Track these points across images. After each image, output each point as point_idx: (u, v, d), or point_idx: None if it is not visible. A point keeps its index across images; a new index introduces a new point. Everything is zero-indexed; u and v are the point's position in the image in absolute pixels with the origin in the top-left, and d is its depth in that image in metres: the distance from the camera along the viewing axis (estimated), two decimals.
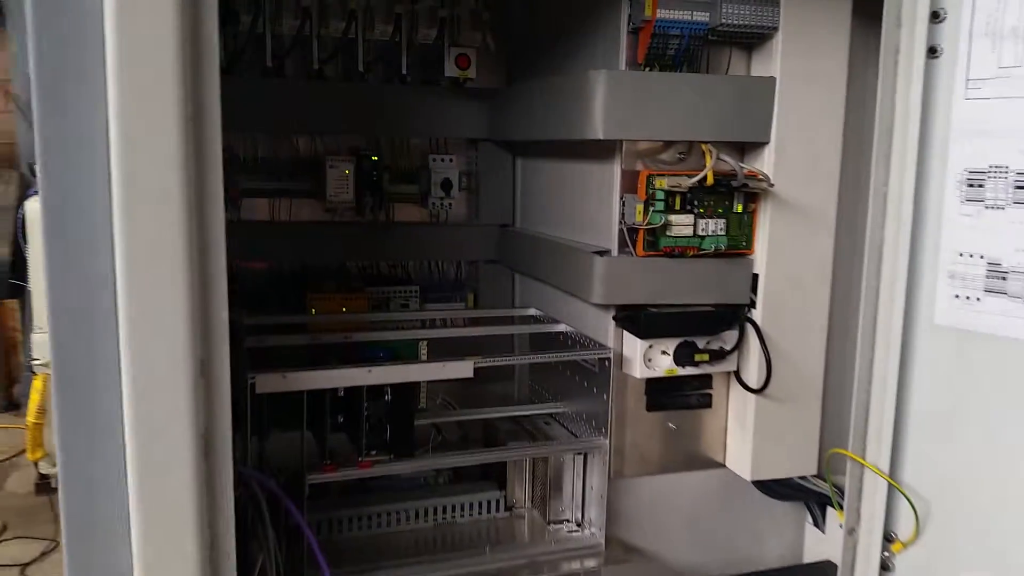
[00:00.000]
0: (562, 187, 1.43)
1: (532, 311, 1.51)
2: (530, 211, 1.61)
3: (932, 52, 0.94)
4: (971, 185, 0.92)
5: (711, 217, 1.21)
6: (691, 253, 1.21)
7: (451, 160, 1.59)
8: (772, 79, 1.21)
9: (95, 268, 0.78)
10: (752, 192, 1.21)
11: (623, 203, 1.20)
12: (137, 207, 0.78)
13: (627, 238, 1.20)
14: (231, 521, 0.85)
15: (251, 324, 1.34)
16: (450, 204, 1.59)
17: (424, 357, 1.30)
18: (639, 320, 1.19)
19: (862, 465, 1.07)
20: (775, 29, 1.19)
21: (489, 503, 1.35)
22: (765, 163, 1.23)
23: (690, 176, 1.17)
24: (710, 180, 1.16)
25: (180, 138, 0.80)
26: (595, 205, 1.28)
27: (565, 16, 1.38)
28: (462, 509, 1.34)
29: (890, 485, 1.01)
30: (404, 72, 1.45)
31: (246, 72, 1.44)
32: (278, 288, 1.56)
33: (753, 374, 1.26)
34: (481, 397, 1.62)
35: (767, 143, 1.22)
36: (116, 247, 0.78)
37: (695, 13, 1.16)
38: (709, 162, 1.16)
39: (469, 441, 1.53)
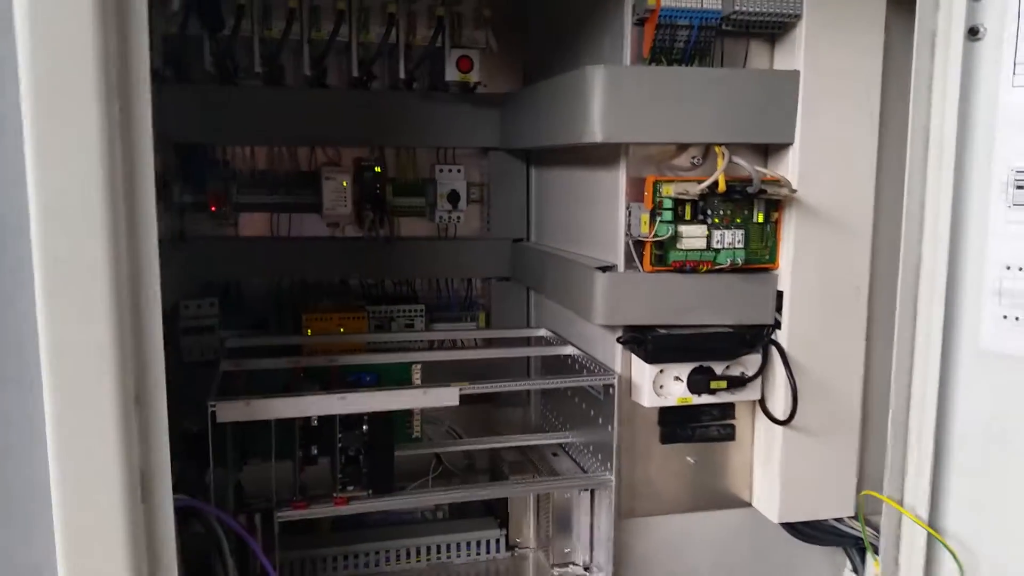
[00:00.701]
0: (572, 197, 1.32)
1: (543, 332, 1.40)
2: (544, 224, 1.50)
3: (973, 33, 0.81)
4: (1020, 187, 0.78)
5: (728, 228, 1.08)
6: (705, 268, 1.08)
7: (459, 171, 1.50)
8: (795, 73, 1.08)
9: (9, 290, 0.71)
10: (773, 199, 1.08)
11: (629, 213, 1.09)
12: (51, 221, 0.70)
13: (633, 252, 1.09)
14: (172, 567, 0.77)
15: (234, 347, 1.26)
16: (458, 217, 1.50)
17: (417, 382, 1.20)
18: (647, 343, 1.07)
19: (899, 510, 0.94)
20: (798, 17, 1.07)
21: (489, 542, 1.24)
22: (789, 167, 1.10)
23: (700, 182, 1.05)
24: (722, 186, 1.03)
25: (102, 139, 0.72)
26: (602, 216, 1.17)
27: (572, 10, 1.27)
28: (459, 548, 1.23)
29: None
30: (402, 76, 1.36)
31: (240, 81, 1.37)
32: (276, 307, 1.48)
33: (780, 403, 1.13)
34: (493, 423, 1.51)
35: (791, 144, 1.09)
36: (34, 268, 0.70)
37: (705, 1, 1.04)
38: (720, 165, 1.04)
39: (474, 471, 1.42)
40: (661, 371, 1.09)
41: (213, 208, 1.39)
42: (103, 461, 0.71)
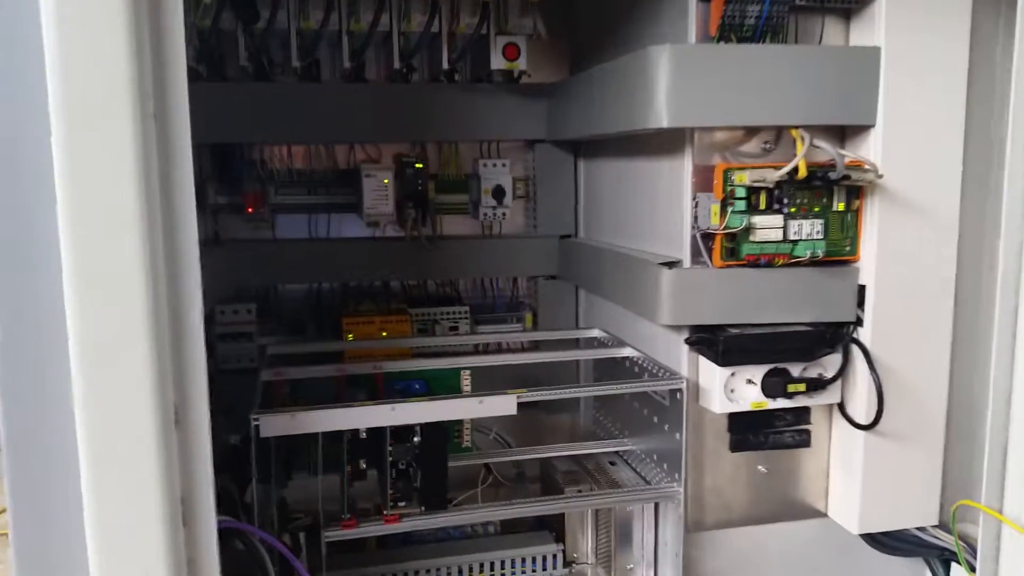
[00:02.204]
0: (628, 189, 1.24)
1: (596, 332, 1.32)
2: (594, 219, 1.42)
3: None
4: None
5: (805, 217, 1.00)
6: (781, 262, 1.00)
7: (504, 165, 1.42)
8: (876, 49, 0.99)
9: (42, 296, 0.65)
10: (856, 186, 1.00)
11: (696, 204, 1.01)
12: (81, 224, 0.64)
13: (702, 246, 1.01)
14: None
15: (275, 354, 1.20)
16: (504, 214, 1.42)
17: (467, 388, 1.12)
18: (717, 344, 0.99)
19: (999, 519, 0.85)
20: None
21: (545, 558, 1.17)
22: (871, 150, 1.01)
23: (777, 168, 0.97)
24: (802, 172, 0.95)
25: (137, 141, 0.65)
26: (664, 208, 1.09)
27: None
28: (514, 565, 1.15)
29: None
30: (445, 67, 1.29)
31: (276, 76, 1.31)
32: (316, 311, 1.42)
33: (861, 407, 1.04)
34: (541, 429, 1.43)
35: (872, 127, 1.01)
36: (64, 277, 0.65)
37: None
38: (800, 150, 0.96)
39: (525, 480, 1.35)
40: (733, 374, 1.01)
41: (250, 210, 1.33)
42: (141, 487, 0.65)
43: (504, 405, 0.96)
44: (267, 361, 1.18)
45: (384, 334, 1.32)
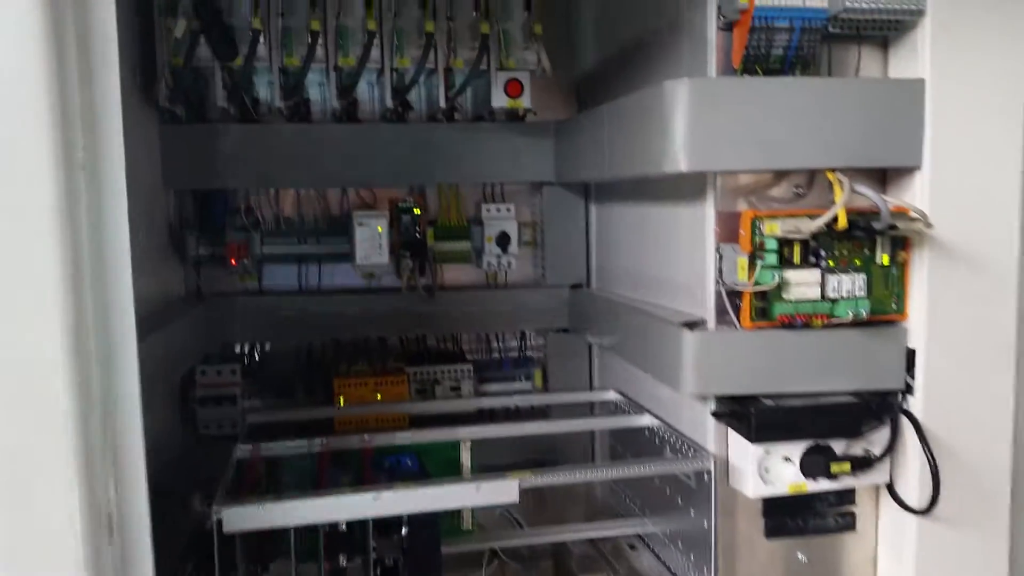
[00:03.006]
0: (643, 237, 1.13)
1: (612, 395, 1.20)
2: (608, 268, 1.31)
3: None
4: None
5: (845, 272, 0.88)
6: (820, 323, 0.88)
7: (509, 210, 1.32)
8: (920, 82, 0.88)
9: None
10: (902, 236, 0.88)
11: (720, 256, 0.89)
12: None
13: (728, 304, 0.89)
14: None
15: (256, 423, 1.09)
16: (509, 263, 1.31)
17: (466, 463, 1.01)
18: (749, 417, 0.87)
19: None
20: (920, 13, 0.87)
21: None
22: (917, 195, 0.89)
23: (812, 216, 0.85)
24: (842, 222, 0.83)
25: (60, 199, 0.55)
26: (685, 259, 0.97)
27: (640, 18, 1.09)
28: None
29: None
30: (443, 106, 1.19)
31: (260, 117, 1.21)
32: (306, 371, 1.31)
33: (913, 487, 0.91)
34: (554, 499, 1.31)
35: (917, 168, 0.89)
36: None
37: None
38: (840, 196, 0.84)
39: (535, 558, 1.22)
40: (767, 452, 0.88)
41: (233, 262, 1.22)
42: None
43: (504, 492, 0.84)
44: (246, 432, 1.07)
45: (379, 397, 1.21)
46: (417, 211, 1.28)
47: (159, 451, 1.03)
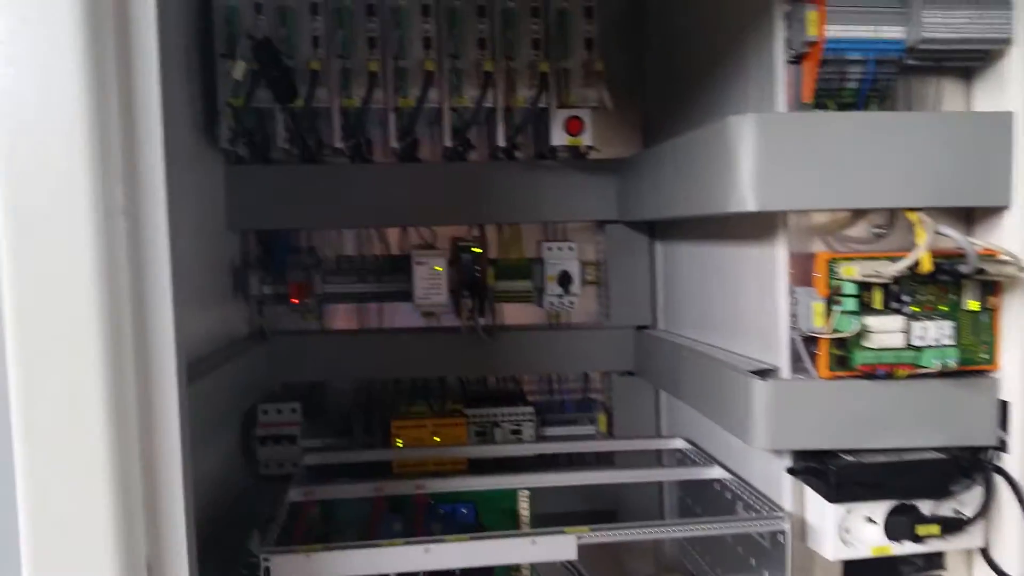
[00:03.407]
0: (711, 277, 1.08)
1: (679, 443, 1.15)
2: (674, 308, 1.26)
3: None
4: None
5: (930, 318, 0.82)
6: (903, 373, 0.82)
7: (571, 248, 1.28)
8: (1007, 115, 0.82)
9: None
10: (991, 280, 0.81)
11: (794, 300, 0.84)
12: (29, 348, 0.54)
13: (803, 351, 0.83)
14: None
15: (312, 465, 1.07)
16: (571, 302, 1.28)
17: (524, 512, 0.97)
18: (828, 475, 0.81)
19: None
20: (1007, 42, 0.81)
21: None
22: (1005, 236, 0.83)
23: (893, 259, 0.80)
24: (926, 266, 0.78)
25: (98, 248, 0.54)
26: (755, 302, 0.92)
27: (703, 52, 1.06)
28: None
29: None
30: (502, 144, 1.17)
31: (322, 157, 1.21)
32: (365, 410, 1.29)
33: (1011, 551, 0.83)
34: (618, 552, 1.26)
35: (1006, 208, 0.82)
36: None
37: (882, 28, 0.80)
38: (922, 239, 0.78)
39: None
40: (848, 512, 0.82)
41: (295, 300, 1.22)
42: None
43: (562, 548, 0.80)
44: (301, 474, 1.05)
45: (437, 439, 1.18)
46: (477, 250, 1.26)
47: (222, 488, 1.03)
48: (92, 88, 0.52)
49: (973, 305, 0.83)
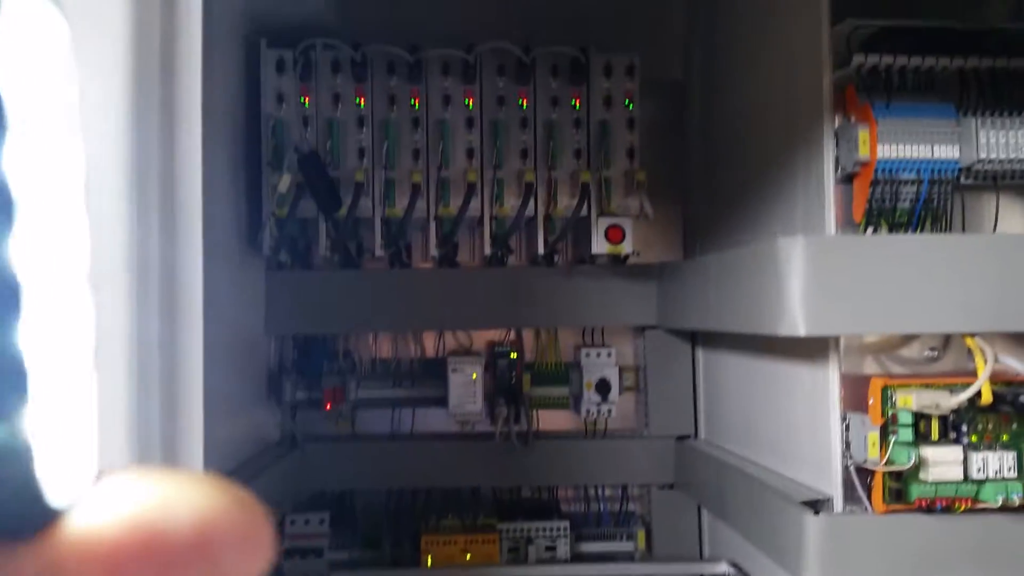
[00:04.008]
0: (758, 393, 1.04)
1: (723, 568, 1.09)
2: (717, 420, 1.22)
3: None
4: None
5: (991, 448, 0.77)
6: (963, 507, 0.77)
7: (609, 355, 1.26)
8: None
9: None
10: None
11: (847, 427, 0.80)
12: None
13: (857, 482, 0.79)
14: None
15: None
16: (609, 411, 1.24)
17: None
18: None
19: None
20: None
21: None
22: None
23: (951, 387, 0.76)
24: (986, 397, 0.74)
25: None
26: (806, 426, 0.88)
27: (750, 166, 1.05)
28: None
29: None
30: (542, 252, 1.16)
31: (363, 262, 1.21)
32: (395, 521, 1.25)
33: None
34: None
35: None
36: None
37: (938, 147, 0.79)
38: (982, 369, 0.75)
39: None
40: None
41: (328, 406, 1.21)
42: None
43: None
44: None
45: (468, 557, 1.14)
46: (514, 355, 1.24)
47: None
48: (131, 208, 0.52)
49: None
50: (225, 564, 0.16)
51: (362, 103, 1.13)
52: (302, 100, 1.11)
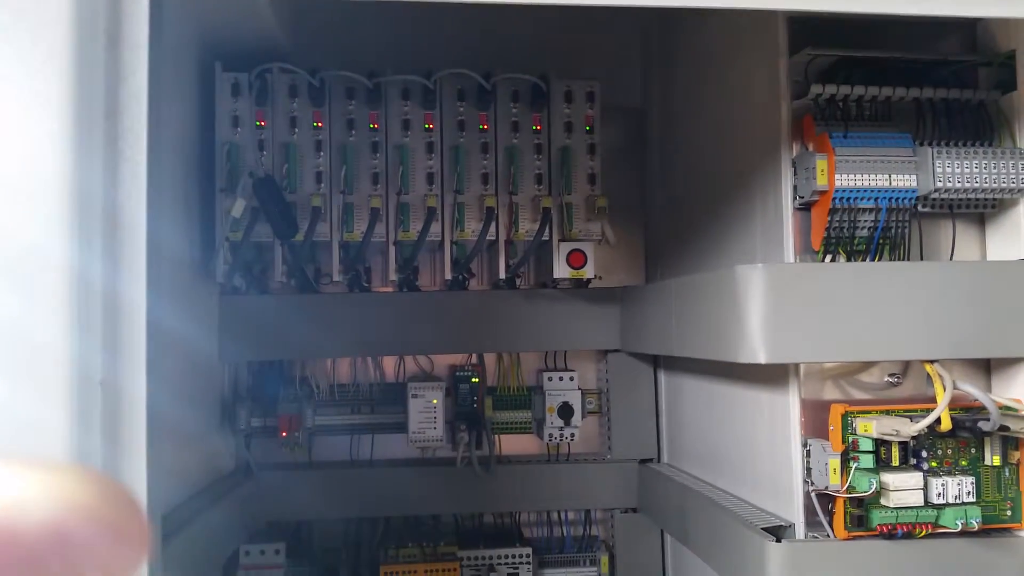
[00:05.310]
0: (719, 418, 1.04)
1: None
2: (679, 442, 1.22)
3: None
4: None
5: (950, 474, 0.78)
6: (923, 533, 0.77)
7: (571, 378, 1.25)
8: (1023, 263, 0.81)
9: None
10: (1014, 436, 0.78)
11: (807, 452, 0.80)
12: None
13: (819, 509, 0.79)
14: None
15: None
16: (572, 435, 1.23)
17: None
18: None
19: None
20: (1020, 192, 0.81)
21: None
22: None
23: (911, 413, 0.77)
24: (946, 424, 0.74)
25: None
26: (765, 450, 0.89)
27: (711, 191, 1.06)
28: None
29: None
30: (503, 277, 1.15)
31: (320, 287, 1.19)
32: (354, 551, 1.23)
33: None
34: None
35: None
36: None
37: (896, 176, 0.79)
38: (940, 396, 0.75)
39: None
40: None
41: (284, 434, 1.18)
42: None
43: None
44: None
45: None
46: (475, 380, 1.23)
47: None
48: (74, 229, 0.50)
49: (995, 460, 0.79)
50: (88, 559, 0.15)
51: (320, 127, 1.11)
52: (258, 124, 1.09)
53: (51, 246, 0.49)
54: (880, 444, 0.77)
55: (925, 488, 0.77)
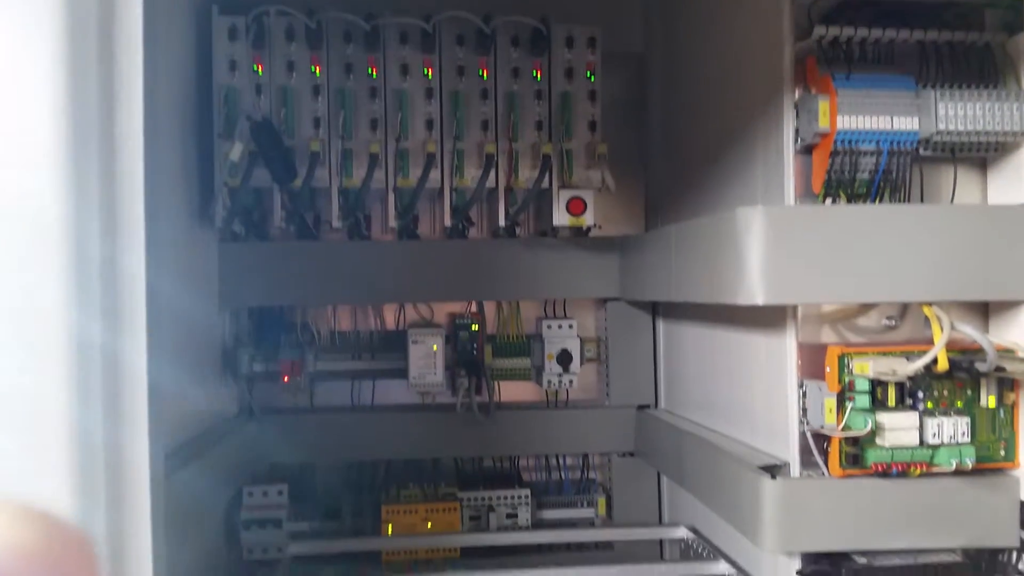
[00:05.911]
0: (716, 362, 1.06)
1: (683, 532, 1.11)
2: (677, 389, 1.23)
3: None
4: None
5: (946, 415, 0.79)
6: (918, 471, 0.79)
7: (571, 326, 1.26)
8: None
9: None
10: (1009, 378, 0.79)
11: (804, 394, 0.81)
12: None
13: (814, 448, 0.81)
14: None
15: (300, 554, 1.03)
16: (570, 381, 1.25)
17: None
18: None
19: None
20: (1021, 135, 0.81)
21: None
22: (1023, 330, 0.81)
23: (908, 354, 0.77)
24: (943, 364, 0.75)
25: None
26: (762, 393, 0.90)
27: (712, 136, 1.05)
28: None
29: None
30: (503, 224, 1.15)
31: (321, 234, 1.19)
32: (356, 493, 1.25)
33: None
34: None
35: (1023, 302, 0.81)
36: None
37: (897, 119, 0.79)
38: (938, 336, 0.76)
39: None
40: None
41: (286, 379, 1.19)
42: None
43: None
44: (287, 561, 1.01)
45: (429, 525, 1.14)
46: (475, 327, 1.23)
47: None
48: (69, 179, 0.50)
49: (991, 402, 0.80)
50: None
51: (318, 72, 1.10)
52: (255, 68, 1.08)
53: (44, 189, 0.49)
54: (876, 385, 0.78)
55: (921, 428, 0.78)
